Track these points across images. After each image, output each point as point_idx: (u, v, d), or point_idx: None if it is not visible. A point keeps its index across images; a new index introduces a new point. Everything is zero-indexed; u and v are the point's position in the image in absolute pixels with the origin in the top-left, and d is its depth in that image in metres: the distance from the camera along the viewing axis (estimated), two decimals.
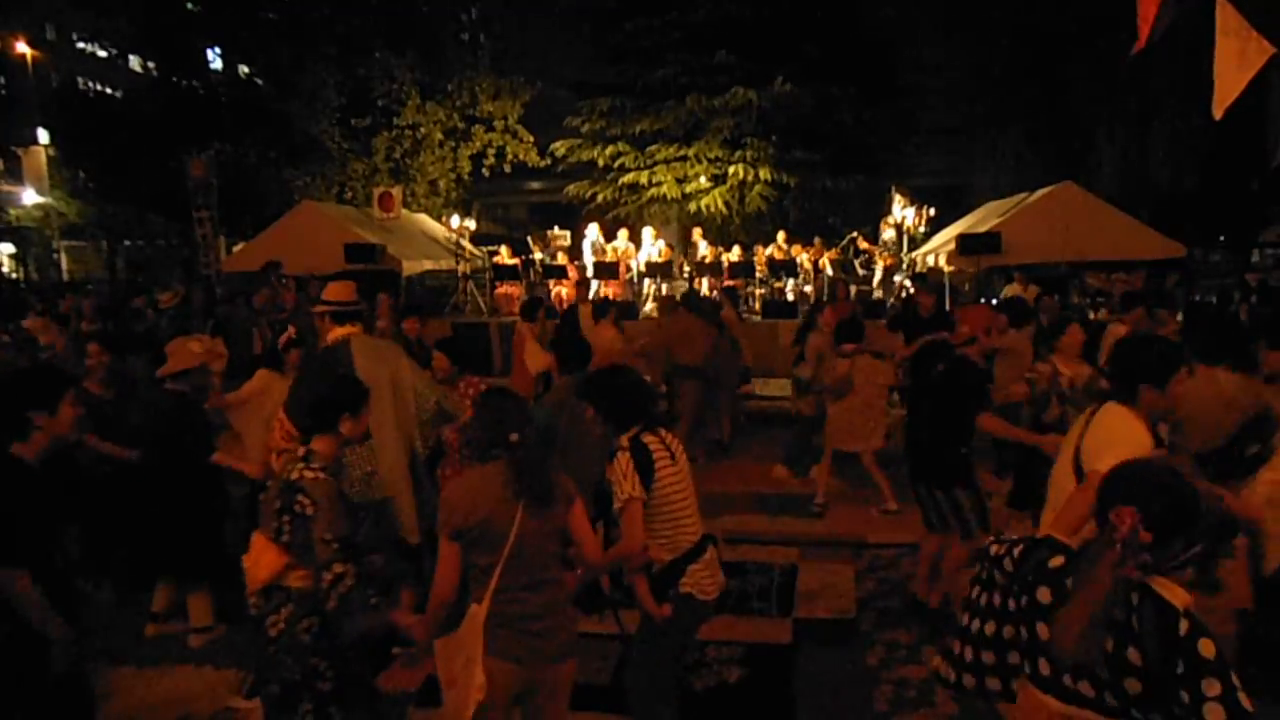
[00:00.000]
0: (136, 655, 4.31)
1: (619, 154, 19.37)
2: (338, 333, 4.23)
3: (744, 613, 4.69)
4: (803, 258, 13.98)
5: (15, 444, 2.69)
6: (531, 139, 20.53)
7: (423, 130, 19.52)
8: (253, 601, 2.89)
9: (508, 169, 20.82)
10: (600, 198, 19.87)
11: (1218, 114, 3.60)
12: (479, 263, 15.06)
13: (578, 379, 4.75)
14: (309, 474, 2.83)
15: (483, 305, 13.76)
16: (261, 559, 2.84)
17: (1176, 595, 1.77)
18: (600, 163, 19.64)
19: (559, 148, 20.26)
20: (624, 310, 10.17)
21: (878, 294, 13.32)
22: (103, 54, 28.76)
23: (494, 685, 2.55)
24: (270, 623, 2.86)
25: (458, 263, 14.58)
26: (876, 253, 14.23)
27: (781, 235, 14.88)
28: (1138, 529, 1.73)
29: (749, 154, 18.51)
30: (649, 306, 13.42)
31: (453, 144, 20.29)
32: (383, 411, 3.97)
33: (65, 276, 24.18)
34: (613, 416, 3.04)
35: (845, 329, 6.38)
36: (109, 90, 26.98)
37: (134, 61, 23.97)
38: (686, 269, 14.12)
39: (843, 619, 4.64)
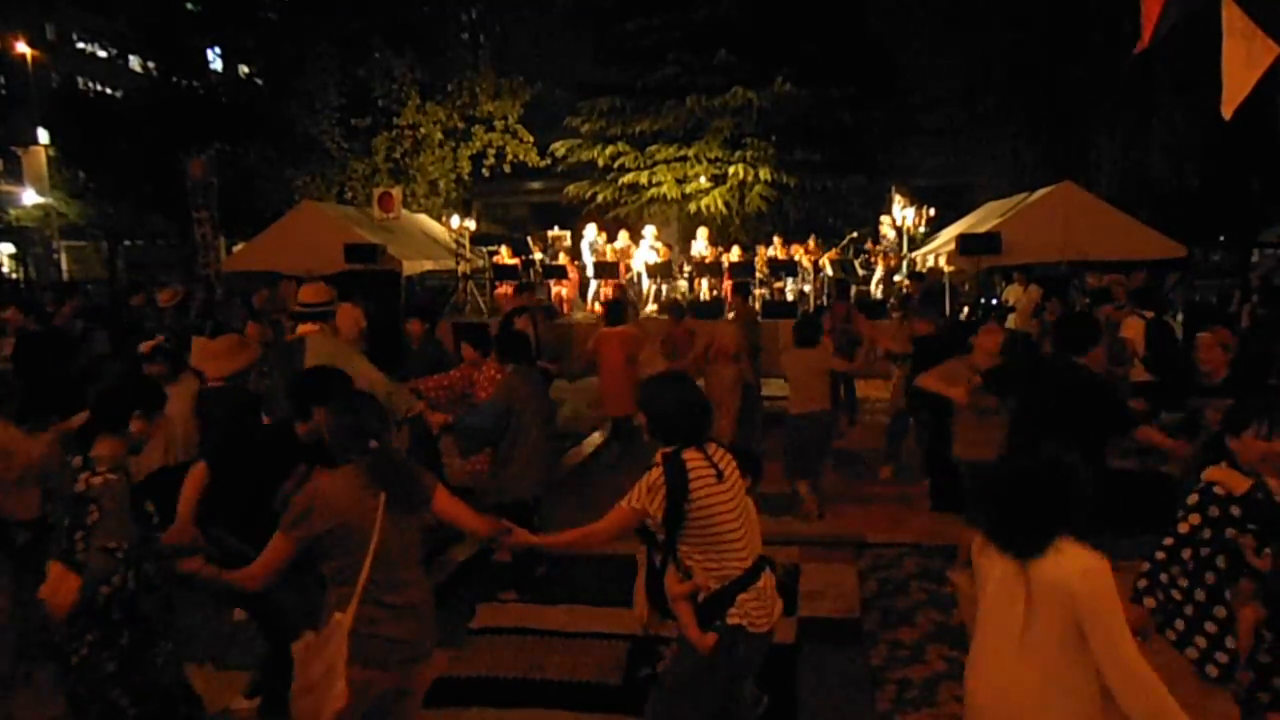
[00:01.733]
0: None
1: (619, 154, 19.38)
2: (300, 330, 4.55)
3: None
4: (801, 257, 14.00)
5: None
6: (531, 139, 20.52)
7: (423, 130, 19.52)
8: (58, 634, 2.67)
9: (508, 169, 20.81)
10: (600, 198, 19.88)
11: (1227, 114, 3.59)
12: (479, 263, 15.07)
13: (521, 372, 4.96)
14: (96, 480, 2.64)
15: (483, 305, 13.75)
16: (61, 587, 2.56)
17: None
18: (600, 163, 19.66)
19: (559, 148, 20.27)
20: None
21: (877, 294, 13.33)
22: (103, 54, 28.74)
23: (357, 693, 2.51)
24: (71, 650, 2.64)
25: (458, 263, 14.58)
26: (876, 253, 14.24)
27: (778, 239, 14.87)
28: None
29: (749, 154, 18.53)
30: (650, 307, 13.44)
31: (453, 144, 20.29)
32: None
33: (65, 276, 24.16)
34: (659, 429, 2.83)
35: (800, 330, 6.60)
36: (109, 90, 26.96)
37: (134, 61, 23.92)
38: (686, 269, 14.13)
39: (847, 619, 4.64)
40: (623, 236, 14.58)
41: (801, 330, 6.44)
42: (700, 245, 14.49)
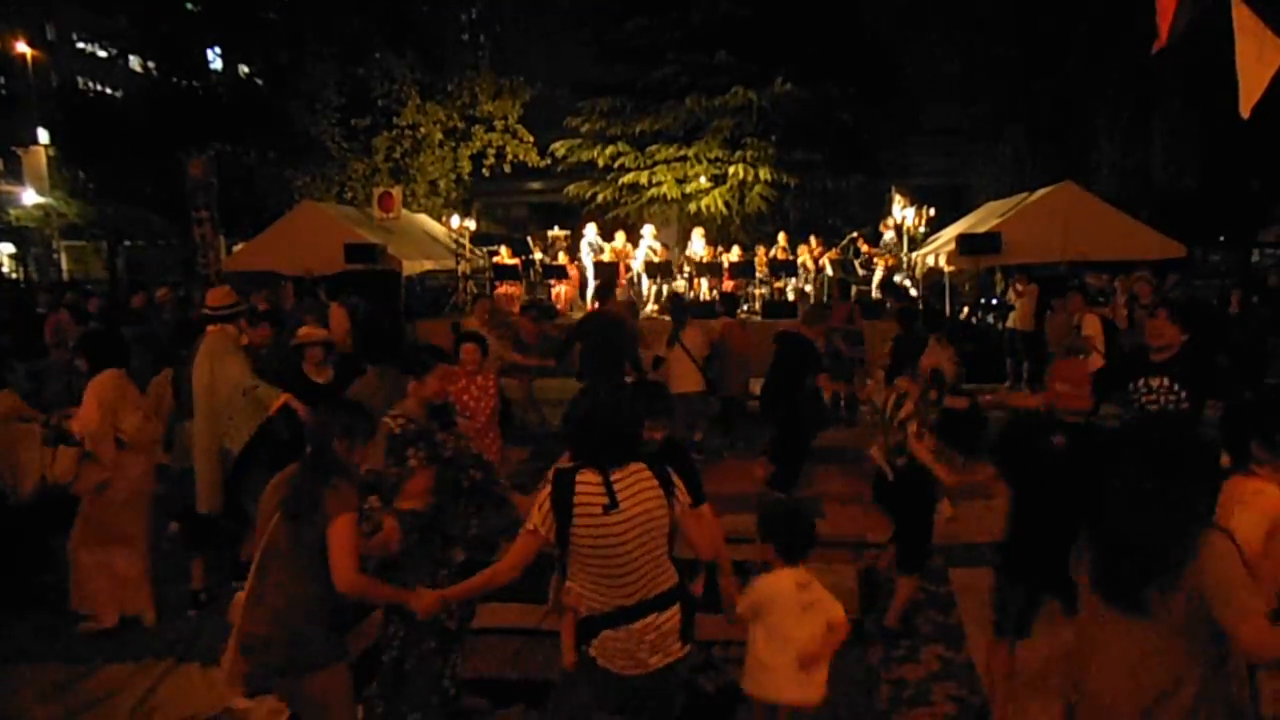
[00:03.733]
0: (138, 653, 4.31)
1: (619, 154, 19.37)
2: (208, 330, 4.99)
3: None
4: (803, 258, 14.00)
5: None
6: (531, 139, 20.53)
7: (423, 130, 19.52)
8: None
9: (508, 169, 20.82)
10: (600, 198, 19.87)
11: (1245, 112, 3.57)
12: (479, 263, 15.07)
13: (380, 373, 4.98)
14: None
15: (490, 304, 13.72)
16: None
17: None
18: (600, 163, 19.64)
19: (559, 148, 20.26)
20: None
21: (877, 295, 13.32)
22: (103, 54, 28.75)
23: (230, 673, 2.78)
24: None
25: (458, 263, 14.59)
26: (877, 253, 14.23)
27: (782, 236, 14.87)
28: None
29: (749, 154, 18.51)
30: (650, 307, 13.45)
31: (453, 144, 20.30)
32: (198, 397, 4.77)
33: (65, 276, 24.18)
34: (569, 441, 2.69)
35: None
36: (109, 90, 26.98)
37: (134, 61, 23.93)
38: (686, 269, 14.12)
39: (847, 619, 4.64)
40: (620, 237, 14.58)
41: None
42: (698, 246, 14.48)
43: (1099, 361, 7.42)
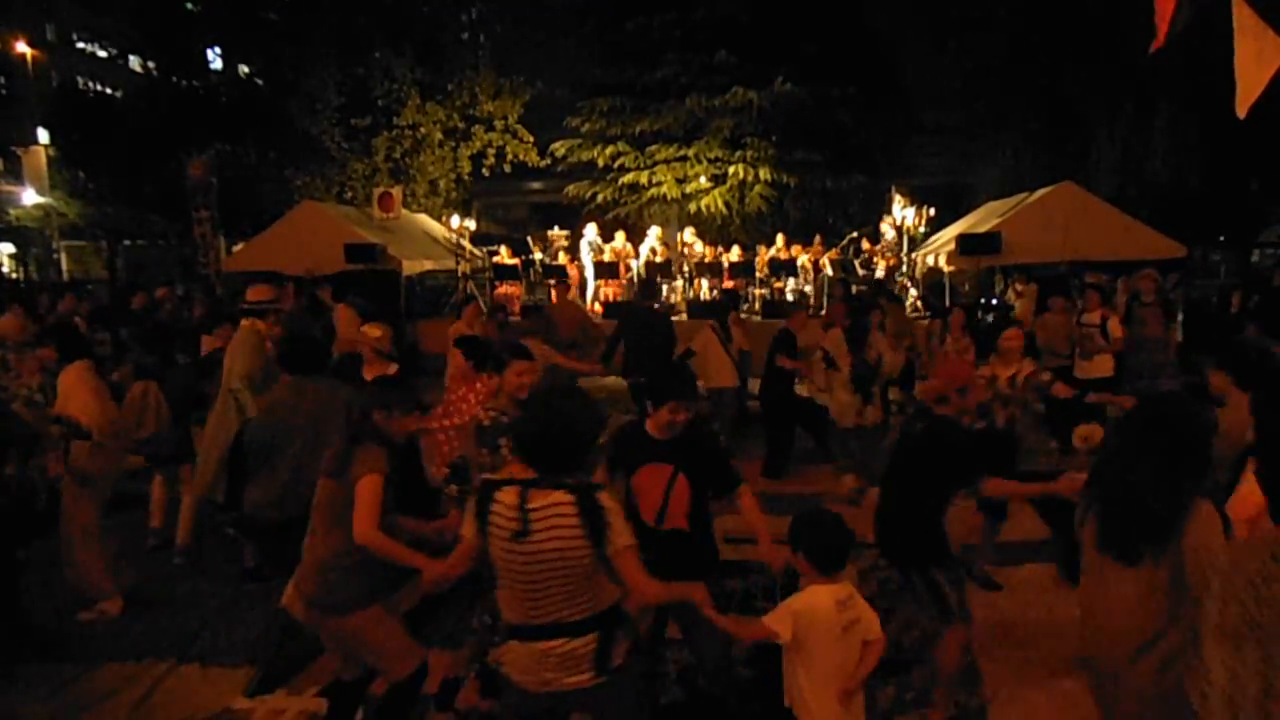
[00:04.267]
0: (137, 653, 4.31)
1: (619, 154, 19.38)
2: (243, 323, 5.17)
3: (749, 612, 4.67)
4: (803, 258, 13.99)
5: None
6: (531, 139, 20.54)
7: (423, 130, 19.53)
8: None
9: (508, 169, 20.83)
10: (600, 198, 19.87)
11: (1241, 113, 3.57)
12: (479, 263, 15.07)
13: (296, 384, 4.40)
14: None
15: (483, 306, 13.74)
16: None
17: None
18: (600, 163, 19.65)
19: (559, 148, 20.27)
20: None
21: None
22: (103, 54, 28.75)
23: (289, 601, 3.16)
24: None
25: (458, 263, 14.59)
26: (877, 253, 14.23)
27: (781, 239, 14.87)
28: None
29: (749, 154, 18.52)
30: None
31: (453, 144, 20.30)
32: (221, 389, 5.02)
33: (65, 276, 24.16)
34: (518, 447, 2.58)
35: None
36: (109, 90, 26.97)
37: (134, 61, 23.94)
38: (686, 269, 14.12)
39: None
40: (620, 236, 14.58)
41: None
42: (696, 246, 14.47)
43: (1110, 363, 7.38)
